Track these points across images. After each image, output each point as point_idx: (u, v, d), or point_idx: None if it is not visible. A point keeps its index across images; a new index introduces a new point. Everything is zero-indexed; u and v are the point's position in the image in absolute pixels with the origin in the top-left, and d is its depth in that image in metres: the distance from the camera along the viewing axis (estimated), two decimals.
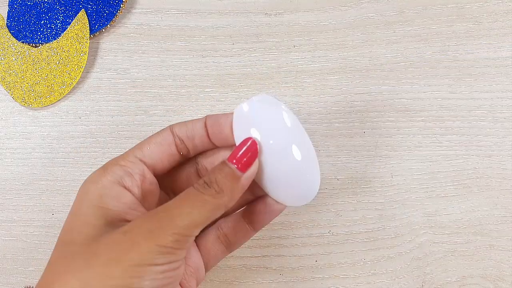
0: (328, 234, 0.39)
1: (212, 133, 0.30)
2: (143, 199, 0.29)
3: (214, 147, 0.31)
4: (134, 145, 0.30)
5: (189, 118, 0.40)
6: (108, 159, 0.39)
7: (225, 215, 0.32)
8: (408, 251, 0.38)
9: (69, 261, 0.25)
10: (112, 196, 0.28)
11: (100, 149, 0.40)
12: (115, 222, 0.27)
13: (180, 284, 0.28)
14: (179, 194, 0.27)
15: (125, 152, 0.30)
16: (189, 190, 0.26)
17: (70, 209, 0.38)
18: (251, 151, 0.28)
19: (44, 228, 0.39)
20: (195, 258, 0.31)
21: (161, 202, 0.31)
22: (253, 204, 0.31)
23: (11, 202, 0.39)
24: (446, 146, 0.40)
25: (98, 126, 0.40)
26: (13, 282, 0.38)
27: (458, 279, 0.38)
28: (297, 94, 0.41)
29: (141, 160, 0.29)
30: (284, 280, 0.38)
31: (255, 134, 0.28)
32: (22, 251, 0.38)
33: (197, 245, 0.31)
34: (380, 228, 0.39)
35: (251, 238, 0.32)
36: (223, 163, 0.27)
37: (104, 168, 0.29)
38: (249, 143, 0.28)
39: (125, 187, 0.28)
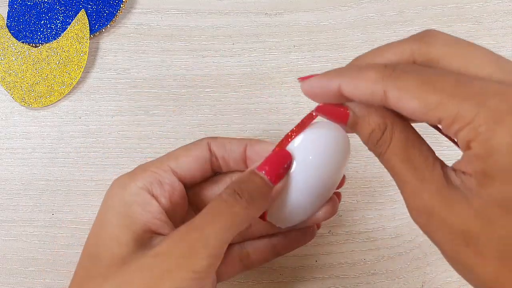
0: (328, 234, 0.39)
1: (251, 162, 0.29)
2: (171, 212, 0.28)
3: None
4: (134, 145, 0.29)
5: (189, 118, 0.40)
6: (108, 159, 0.40)
7: (252, 237, 0.31)
8: (408, 251, 0.38)
9: (97, 284, 0.24)
10: (138, 203, 0.26)
11: (100, 149, 0.40)
12: (141, 235, 0.26)
13: None
14: (207, 206, 0.25)
15: (157, 159, 0.28)
16: (218, 203, 0.25)
17: (69, 209, 0.39)
18: (284, 163, 0.26)
19: (44, 228, 0.39)
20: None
21: (187, 216, 0.29)
22: (287, 231, 0.30)
23: (11, 202, 0.39)
24: (446, 146, 0.40)
25: (98, 126, 0.40)
26: (13, 282, 0.38)
27: (458, 279, 0.38)
28: (297, 94, 0.41)
29: (173, 171, 0.28)
30: (284, 280, 0.38)
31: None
32: (22, 251, 0.38)
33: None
34: (380, 228, 0.39)
35: None
36: (253, 172, 0.26)
37: (134, 173, 0.27)
38: (283, 155, 0.26)
39: (153, 195, 0.27)
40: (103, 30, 0.41)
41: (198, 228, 0.24)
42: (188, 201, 0.30)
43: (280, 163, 0.26)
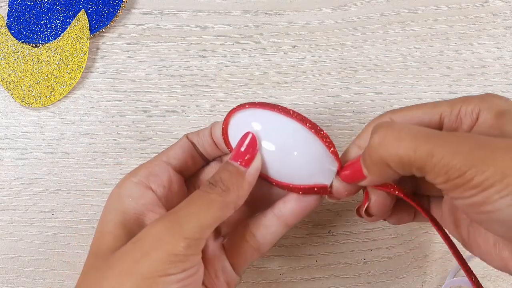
0: (328, 234, 0.39)
1: (216, 142, 0.31)
2: (171, 201, 0.29)
3: (226, 153, 0.31)
4: (134, 145, 0.30)
5: (189, 118, 0.40)
6: (108, 159, 0.40)
7: (253, 213, 0.31)
8: (408, 251, 0.38)
9: (94, 274, 0.25)
10: (132, 197, 0.28)
11: (100, 149, 0.40)
12: (135, 229, 0.27)
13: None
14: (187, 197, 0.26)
15: (151, 159, 0.31)
16: (195, 193, 0.26)
17: (69, 209, 0.39)
18: (251, 146, 0.28)
19: (44, 228, 0.39)
20: (218, 258, 0.29)
21: None
22: (284, 199, 0.30)
23: (11, 202, 0.39)
24: None
25: (98, 126, 0.40)
26: (13, 282, 0.38)
27: None
28: (297, 94, 0.41)
29: (167, 163, 0.30)
30: (284, 280, 0.38)
31: (252, 129, 0.28)
32: (22, 251, 0.38)
33: (224, 247, 0.30)
34: (380, 228, 0.39)
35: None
36: (226, 162, 0.28)
37: (131, 172, 0.29)
38: (248, 138, 0.28)
39: (148, 187, 0.28)
40: (103, 30, 0.41)
41: (173, 213, 0.25)
42: (190, 191, 0.31)
43: (247, 147, 0.28)
